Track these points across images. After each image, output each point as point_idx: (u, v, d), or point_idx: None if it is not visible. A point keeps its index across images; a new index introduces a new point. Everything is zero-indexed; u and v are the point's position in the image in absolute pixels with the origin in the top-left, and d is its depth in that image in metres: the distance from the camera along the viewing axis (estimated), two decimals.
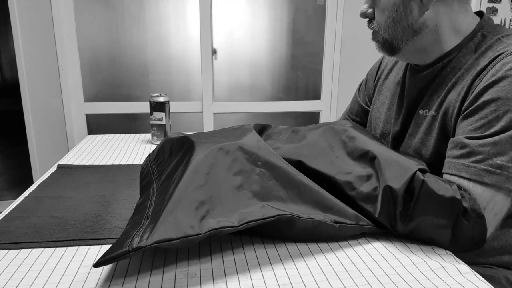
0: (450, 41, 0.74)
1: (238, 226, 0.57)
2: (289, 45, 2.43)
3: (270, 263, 0.59)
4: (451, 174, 0.66)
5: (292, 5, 2.38)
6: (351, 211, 0.65)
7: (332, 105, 2.40)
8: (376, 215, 0.64)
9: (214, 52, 2.30)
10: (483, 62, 0.69)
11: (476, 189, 0.63)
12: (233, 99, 2.41)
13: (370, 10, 0.78)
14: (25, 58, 2.06)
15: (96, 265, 0.51)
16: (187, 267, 0.57)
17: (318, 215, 0.63)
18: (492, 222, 0.64)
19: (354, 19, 2.31)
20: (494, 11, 2.15)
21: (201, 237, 0.55)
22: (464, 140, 0.65)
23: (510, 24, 2.16)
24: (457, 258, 0.60)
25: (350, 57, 2.36)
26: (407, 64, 0.86)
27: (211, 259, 0.59)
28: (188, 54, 2.31)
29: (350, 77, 2.37)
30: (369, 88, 1.01)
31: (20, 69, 2.07)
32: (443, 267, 0.58)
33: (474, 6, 2.12)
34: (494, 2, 2.15)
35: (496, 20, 2.15)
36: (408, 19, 0.73)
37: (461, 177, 0.64)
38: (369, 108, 1.00)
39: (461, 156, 0.65)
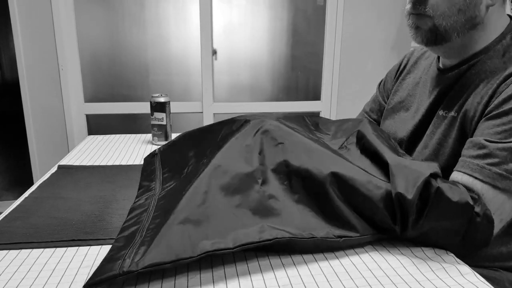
0: (486, 40, 0.73)
1: (233, 248, 0.56)
2: (289, 45, 2.43)
3: (270, 263, 0.59)
4: (464, 173, 0.65)
5: (292, 5, 2.38)
6: (357, 221, 0.63)
7: (332, 105, 2.40)
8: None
9: (214, 52, 2.30)
10: None
11: (488, 193, 0.63)
12: (233, 99, 2.41)
13: None
14: (25, 58, 2.06)
15: (86, 286, 0.50)
16: (187, 267, 0.57)
17: (321, 230, 0.62)
18: (496, 227, 0.63)
19: (354, 19, 2.31)
20: None
21: (193, 260, 0.54)
22: (483, 141, 0.64)
23: None
24: (457, 259, 0.60)
25: (350, 57, 2.35)
26: (430, 65, 0.85)
27: (211, 260, 0.59)
28: (188, 54, 2.31)
29: (350, 77, 2.37)
30: (387, 89, 1.00)
31: (20, 69, 2.07)
32: (443, 267, 0.58)
33: None
34: None
35: None
36: (475, 11, 0.69)
37: (474, 177, 0.64)
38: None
39: (477, 157, 0.64)
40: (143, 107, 2.21)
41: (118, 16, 2.21)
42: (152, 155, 0.97)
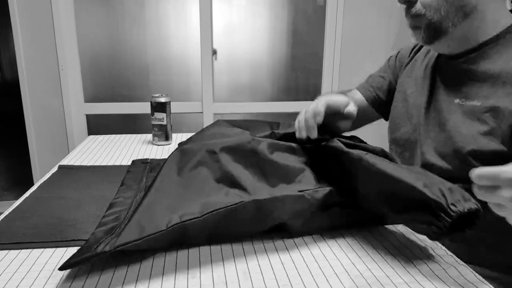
0: (489, 32, 0.74)
1: (200, 217, 0.58)
2: (289, 45, 2.43)
3: (270, 263, 0.59)
4: None
5: (292, 6, 2.38)
6: (313, 176, 0.67)
7: None
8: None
9: (214, 52, 2.30)
10: None
11: None
12: (233, 99, 2.41)
13: None
14: (25, 58, 2.06)
15: (62, 268, 0.52)
16: (187, 267, 0.57)
17: (282, 189, 0.65)
18: None
19: (354, 20, 2.31)
20: None
21: (164, 233, 0.56)
22: None
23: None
24: (457, 259, 0.60)
25: (350, 58, 2.36)
26: (427, 53, 0.86)
27: (211, 260, 0.59)
28: (188, 54, 2.31)
29: (350, 78, 2.37)
30: (398, 67, 0.97)
31: (20, 69, 2.07)
32: (443, 268, 0.58)
33: None
34: None
35: None
36: None
37: None
38: (393, 88, 0.97)
39: None
40: (143, 107, 2.21)
41: (118, 16, 2.21)
42: (143, 161, 1.00)
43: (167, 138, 1.25)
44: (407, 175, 0.58)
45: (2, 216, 0.72)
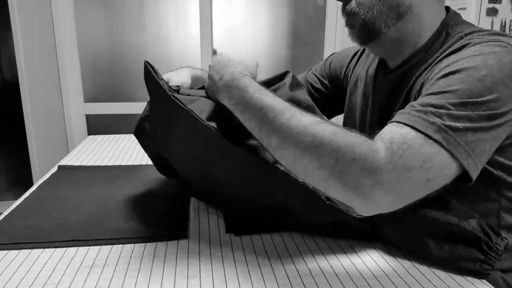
0: (425, 35, 0.71)
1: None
2: (289, 45, 2.43)
3: (270, 264, 0.59)
4: (393, 122, 0.57)
5: (292, 6, 2.38)
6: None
7: None
8: None
9: (214, 52, 2.30)
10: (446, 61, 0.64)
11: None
12: None
13: None
14: (25, 58, 2.06)
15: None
16: (186, 267, 0.57)
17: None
18: (422, 186, 0.52)
19: None
20: (494, 11, 2.15)
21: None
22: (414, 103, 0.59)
23: (510, 24, 2.16)
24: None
25: None
26: (378, 66, 0.82)
27: (210, 260, 0.59)
28: (188, 54, 2.31)
29: None
30: (336, 72, 1.00)
31: (20, 69, 2.07)
32: (444, 269, 0.58)
33: (474, 7, 2.12)
34: (495, 3, 2.15)
35: (496, 20, 2.16)
36: None
37: (403, 124, 0.55)
38: (324, 89, 1.01)
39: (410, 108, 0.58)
40: (143, 107, 2.21)
41: (118, 16, 2.21)
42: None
43: None
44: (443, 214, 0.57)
45: (2, 216, 0.72)
